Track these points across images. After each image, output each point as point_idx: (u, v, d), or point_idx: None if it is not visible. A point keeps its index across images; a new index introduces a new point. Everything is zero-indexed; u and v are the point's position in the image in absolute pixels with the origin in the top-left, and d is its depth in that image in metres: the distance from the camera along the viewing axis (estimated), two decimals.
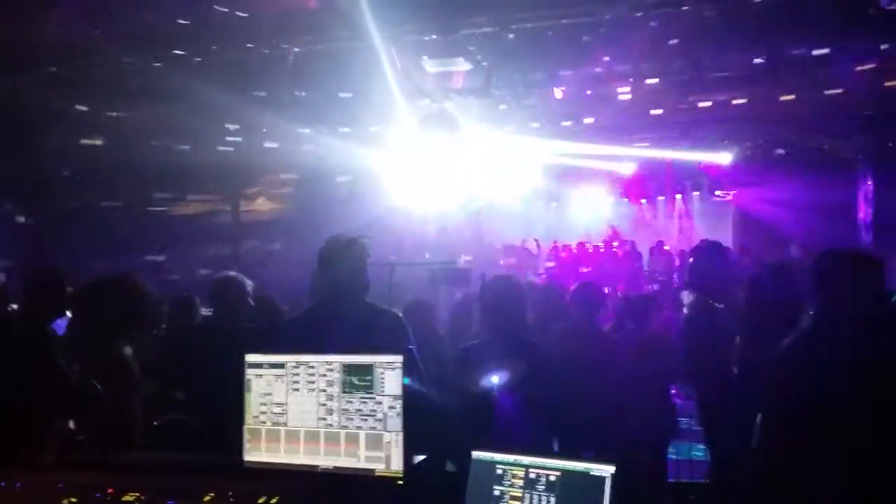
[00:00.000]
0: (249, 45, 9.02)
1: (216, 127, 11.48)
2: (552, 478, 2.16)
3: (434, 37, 8.15)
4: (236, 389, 2.69)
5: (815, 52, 9.51)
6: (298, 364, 2.64)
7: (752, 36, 9.05)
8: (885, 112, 11.53)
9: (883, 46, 9.20)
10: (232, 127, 11.76)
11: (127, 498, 2.52)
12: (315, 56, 9.10)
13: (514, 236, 18.18)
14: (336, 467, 2.55)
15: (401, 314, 3.88)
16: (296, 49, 8.95)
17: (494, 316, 4.08)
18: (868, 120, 12.28)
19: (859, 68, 10.00)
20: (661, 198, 19.42)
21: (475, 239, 17.07)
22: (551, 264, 17.17)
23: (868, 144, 13.62)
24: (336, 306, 3.64)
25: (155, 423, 3.07)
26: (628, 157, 15.70)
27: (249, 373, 2.70)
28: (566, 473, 2.14)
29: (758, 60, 9.61)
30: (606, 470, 2.09)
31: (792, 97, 11.16)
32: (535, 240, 18.54)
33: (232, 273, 4.81)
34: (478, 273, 7.54)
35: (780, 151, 14.67)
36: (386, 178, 11.77)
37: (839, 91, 10.78)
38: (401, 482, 2.47)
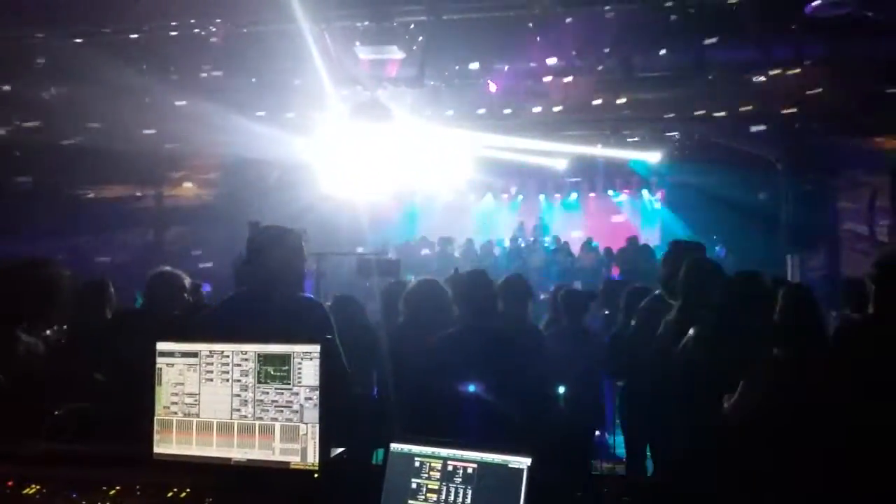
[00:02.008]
0: (174, 24, 8.72)
1: (138, 109, 11.11)
2: (469, 470, 2.13)
3: (367, 23, 8.05)
4: (146, 378, 2.58)
5: (741, 56, 9.76)
6: (212, 353, 2.55)
7: (681, 37, 9.23)
8: (805, 116, 11.91)
9: (806, 53, 9.49)
10: (154, 110, 11.40)
11: (27, 491, 2.43)
12: (242, 39, 8.88)
13: (447, 229, 18.19)
14: (250, 460, 2.48)
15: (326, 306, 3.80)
16: (220, 31, 8.71)
17: (468, 306, 4.08)
18: (790, 123, 12.68)
19: (782, 73, 10.31)
20: (591, 194, 19.71)
21: (406, 230, 17.04)
22: None
23: (789, 147, 14.08)
24: (260, 296, 3.52)
25: (56, 412, 2.92)
26: (560, 153, 15.86)
27: (161, 361, 2.60)
28: (483, 465, 2.12)
29: (685, 61, 9.81)
30: (523, 462, 2.08)
31: (718, 99, 11.43)
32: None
33: (166, 267, 4.66)
34: (407, 264, 7.51)
35: (707, 151, 15.02)
36: (317, 167, 11.61)
37: (762, 94, 11.09)
38: (317, 475, 2.41)
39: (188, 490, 2.43)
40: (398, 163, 11.41)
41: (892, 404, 3.14)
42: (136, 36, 8.91)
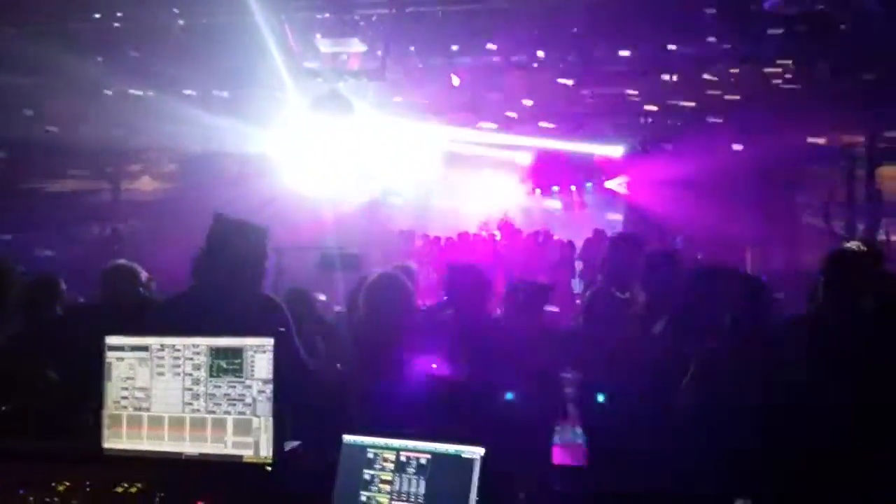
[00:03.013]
0: (130, 15, 8.56)
1: (93, 101, 10.90)
2: (423, 461, 2.13)
3: (327, 15, 7.98)
4: (96, 373, 2.54)
5: (701, 51, 9.87)
6: (163, 347, 2.52)
7: (642, 32, 9.31)
8: (764, 110, 12.09)
9: (765, 49, 9.62)
10: (110, 102, 11.19)
11: None
12: (200, 30, 8.75)
13: (410, 223, 18.15)
14: (202, 454, 2.46)
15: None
16: (178, 22, 8.57)
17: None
18: (749, 118, 12.86)
19: (740, 67, 10.46)
20: (555, 188, 19.80)
21: (371, 224, 16.95)
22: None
23: (748, 141, 14.28)
24: (216, 292, 3.41)
25: (3, 407, 2.86)
26: (525, 147, 15.93)
27: (110, 356, 2.56)
28: (437, 456, 2.12)
29: (647, 56, 9.90)
30: (476, 452, 2.08)
31: (678, 93, 11.58)
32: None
33: (121, 261, 4.56)
34: (371, 259, 7.46)
35: (668, 146, 15.19)
36: (278, 160, 11.50)
37: (722, 88, 11.25)
38: (270, 468, 2.40)
39: (138, 485, 2.40)
40: (361, 156, 11.35)
41: (827, 397, 3.21)
42: (91, 26, 8.73)
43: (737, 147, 14.70)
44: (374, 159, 12.26)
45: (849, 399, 3.23)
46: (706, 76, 10.74)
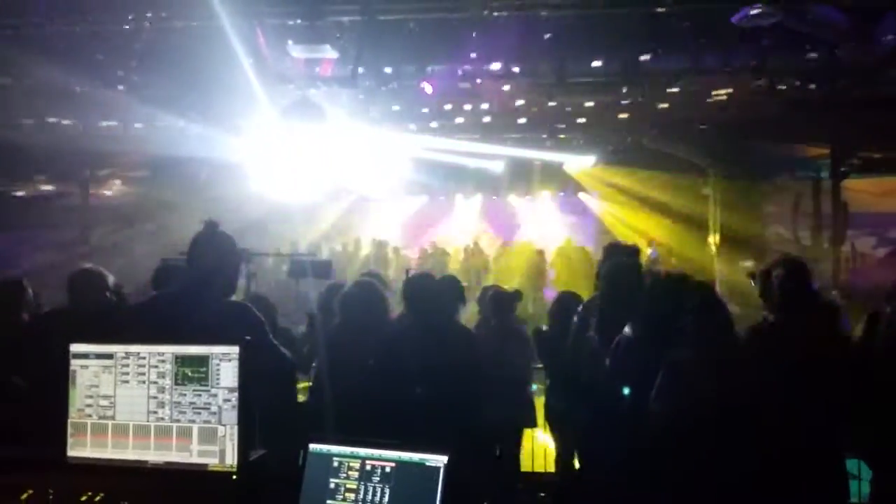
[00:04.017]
0: (100, 19, 8.45)
1: (63, 106, 10.76)
2: (387, 469, 2.14)
3: (299, 21, 7.95)
4: (60, 380, 2.52)
5: (672, 63, 9.98)
6: (128, 355, 2.50)
7: (614, 44, 9.40)
8: (733, 122, 12.27)
9: (734, 61, 9.75)
10: (80, 106, 11.04)
11: None
12: (171, 35, 8.67)
13: (383, 231, 18.16)
14: (167, 462, 2.44)
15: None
16: (149, 27, 8.48)
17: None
18: (718, 130, 13.05)
19: (711, 80, 10.60)
20: (527, 196, 19.91)
21: (343, 231, 16.93)
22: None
23: (718, 152, 14.49)
24: (188, 298, 3.38)
25: None
26: (497, 156, 15.99)
27: (75, 363, 2.54)
28: (401, 464, 2.13)
29: (618, 67, 9.99)
30: (440, 460, 2.09)
31: (650, 105, 11.69)
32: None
33: (89, 265, 4.50)
34: (340, 266, 7.45)
35: (639, 155, 15.34)
36: (249, 166, 11.44)
37: (693, 101, 11.39)
38: (235, 477, 2.39)
39: (102, 494, 2.38)
40: (333, 163, 11.32)
41: (793, 401, 3.29)
42: (59, 29, 8.61)
43: (707, 157, 14.92)
44: (346, 165, 12.25)
45: (806, 401, 3.31)
46: (677, 88, 10.85)
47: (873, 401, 3.41)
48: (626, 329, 3.84)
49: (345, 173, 12.48)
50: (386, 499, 2.11)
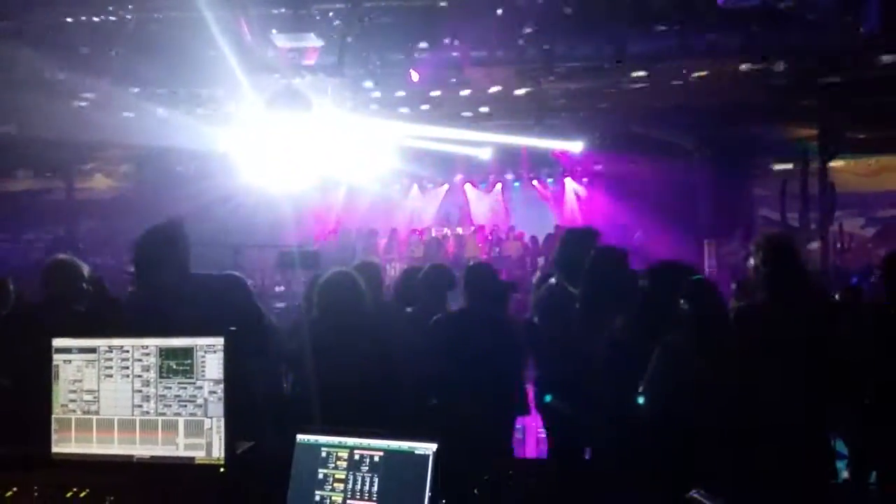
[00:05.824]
0: (83, 10, 8.35)
1: (46, 98, 10.63)
2: (376, 458, 2.12)
3: (284, 10, 7.87)
4: (42, 376, 2.49)
5: (659, 47, 9.94)
6: (111, 349, 2.48)
7: (600, 28, 9.36)
8: (721, 106, 12.26)
9: (721, 44, 9.72)
10: (63, 98, 10.91)
11: None
12: (155, 25, 8.58)
13: (372, 221, 18.10)
14: (153, 457, 2.43)
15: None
16: (132, 17, 8.39)
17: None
18: (705, 113, 13.04)
19: (698, 64, 10.58)
20: (516, 184, 19.88)
21: (332, 221, 16.86)
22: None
23: (706, 137, 14.49)
24: (173, 286, 3.40)
25: None
26: (485, 143, 15.94)
27: (57, 358, 2.51)
28: (390, 453, 2.11)
29: (604, 52, 9.94)
30: (429, 448, 2.07)
31: (637, 89, 11.66)
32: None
33: (63, 256, 4.44)
34: (329, 257, 7.41)
35: (627, 140, 15.32)
36: (236, 156, 11.34)
37: (680, 84, 11.37)
38: (223, 469, 2.37)
39: (88, 490, 2.36)
40: (320, 153, 11.24)
41: (787, 382, 3.29)
42: (41, 21, 8.51)
43: (694, 141, 14.92)
44: (333, 155, 12.18)
45: (801, 383, 3.31)
46: (664, 71, 10.83)
47: (851, 380, 3.44)
48: (618, 322, 3.83)
49: (333, 163, 12.40)
50: (375, 488, 2.09)
